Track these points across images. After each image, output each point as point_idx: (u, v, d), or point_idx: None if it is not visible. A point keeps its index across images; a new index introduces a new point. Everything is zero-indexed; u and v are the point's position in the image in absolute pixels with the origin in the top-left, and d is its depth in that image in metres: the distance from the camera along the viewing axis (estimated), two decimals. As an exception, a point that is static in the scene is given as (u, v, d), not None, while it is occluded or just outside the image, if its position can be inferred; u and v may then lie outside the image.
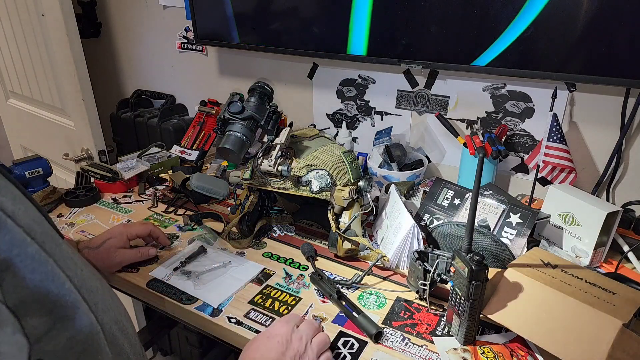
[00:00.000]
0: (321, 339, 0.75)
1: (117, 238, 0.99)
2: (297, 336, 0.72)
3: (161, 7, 1.78)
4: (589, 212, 0.99)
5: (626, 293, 0.77)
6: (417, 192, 1.25)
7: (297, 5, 1.39)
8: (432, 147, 1.43)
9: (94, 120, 1.73)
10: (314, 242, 1.12)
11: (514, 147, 1.30)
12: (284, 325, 0.74)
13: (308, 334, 0.74)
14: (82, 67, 1.65)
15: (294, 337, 0.72)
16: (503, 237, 1.01)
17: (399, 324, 0.86)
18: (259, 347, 0.70)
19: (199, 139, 1.63)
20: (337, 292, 0.90)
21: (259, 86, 1.01)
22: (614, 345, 0.68)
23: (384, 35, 1.26)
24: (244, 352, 0.71)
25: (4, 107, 2.16)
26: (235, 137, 0.97)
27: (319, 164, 1.02)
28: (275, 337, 0.71)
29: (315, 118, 1.62)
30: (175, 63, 1.87)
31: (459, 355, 0.78)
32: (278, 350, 0.69)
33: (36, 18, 1.65)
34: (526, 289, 0.79)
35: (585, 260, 1.01)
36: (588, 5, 1.00)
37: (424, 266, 0.86)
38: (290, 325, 0.74)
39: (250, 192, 1.12)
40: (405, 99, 1.42)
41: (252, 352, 0.70)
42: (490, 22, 1.11)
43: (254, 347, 0.71)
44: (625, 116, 1.12)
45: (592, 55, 1.04)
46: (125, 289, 1.01)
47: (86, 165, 1.39)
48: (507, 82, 1.25)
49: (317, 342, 0.74)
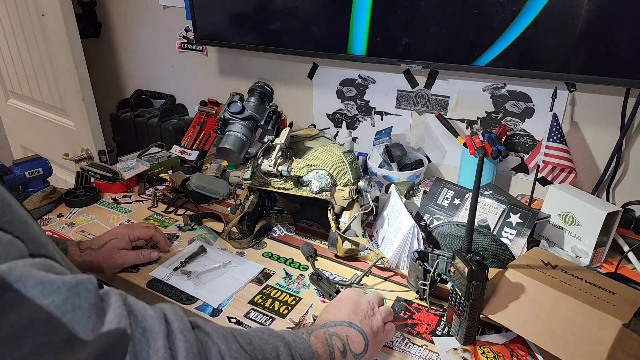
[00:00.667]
0: (387, 308, 0.79)
1: (119, 239, 0.99)
2: (365, 299, 0.77)
3: (161, 7, 1.78)
4: (589, 212, 0.99)
5: (626, 293, 0.77)
6: (417, 192, 1.25)
7: (297, 5, 1.38)
8: (432, 147, 1.43)
9: (94, 120, 1.73)
10: (314, 242, 1.12)
11: (514, 147, 1.30)
12: (353, 291, 0.79)
13: (374, 300, 0.78)
14: (82, 67, 1.65)
15: (362, 300, 0.77)
16: (503, 237, 1.00)
17: (399, 324, 0.85)
18: (329, 310, 0.76)
19: (199, 139, 1.63)
20: (337, 292, 0.90)
21: (259, 86, 1.01)
22: (614, 345, 0.68)
23: (384, 35, 1.26)
24: (319, 318, 0.75)
25: (4, 107, 2.16)
26: (235, 137, 0.97)
27: (319, 164, 1.02)
28: (345, 299, 0.76)
29: (315, 118, 1.62)
30: (175, 63, 1.87)
31: (459, 355, 0.78)
32: (349, 309, 0.74)
33: (36, 18, 1.65)
34: (526, 289, 0.79)
35: (585, 260, 1.01)
36: (588, 5, 1.00)
37: (424, 266, 0.86)
38: (359, 291, 0.79)
39: (250, 192, 1.12)
40: (405, 99, 1.42)
41: (325, 314, 0.75)
42: (490, 22, 1.11)
43: (325, 310, 0.76)
44: (625, 116, 1.12)
45: (592, 55, 1.04)
46: (125, 289, 1.01)
47: (86, 165, 1.39)
48: (507, 82, 1.25)
49: (384, 310, 0.78)
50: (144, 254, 1.02)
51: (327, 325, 0.70)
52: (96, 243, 0.98)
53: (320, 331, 0.67)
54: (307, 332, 0.65)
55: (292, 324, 0.85)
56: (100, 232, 1.05)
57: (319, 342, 0.64)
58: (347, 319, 0.72)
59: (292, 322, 0.86)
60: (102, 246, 0.97)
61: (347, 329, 0.70)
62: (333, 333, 0.68)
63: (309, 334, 0.65)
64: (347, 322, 0.71)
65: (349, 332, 0.70)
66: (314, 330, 0.67)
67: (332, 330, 0.69)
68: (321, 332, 0.67)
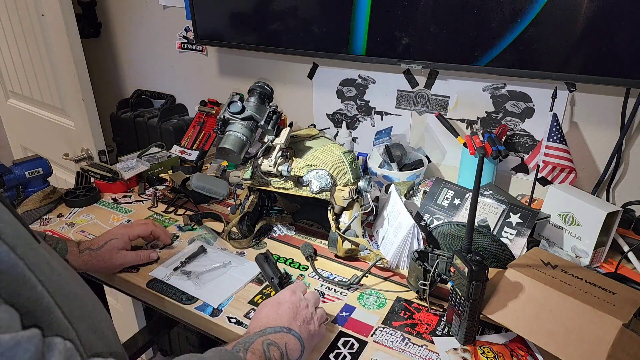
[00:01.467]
0: (322, 311, 0.81)
1: (119, 239, 0.99)
2: (304, 304, 0.78)
3: (161, 7, 1.78)
4: (589, 212, 0.99)
5: (626, 293, 0.77)
6: (417, 192, 1.25)
7: (297, 5, 1.39)
8: (432, 147, 1.43)
9: (94, 120, 1.73)
10: (314, 242, 1.12)
11: (514, 147, 1.30)
12: (293, 293, 0.79)
13: (313, 303, 0.80)
14: (82, 67, 1.65)
15: (301, 305, 0.77)
16: (503, 237, 1.01)
17: (399, 324, 0.86)
18: (269, 314, 0.75)
19: (199, 139, 1.63)
20: (280, 278, 0.89)
21: (259, 86, 1.01)
22: (614, 345, 0.68)
23: (384, 35, 1.26)
24: (255, 318, 0.75)
25: (4, 107, 2.16)
26: (235, 137, 0.97)
27: (319, 164, 1.02)
28: (286, 303, 0.76)
29: (315, 118, 1.62)
30: (175, 63, 1.87)
31: (459, 355, 0.78)
32: (290, 315, 0.74)
33: (36, 18, 1.65)
34: (526, 289, 0.79)
35: (585, 260, 1.01)
36: (588, 5, 1.00)
37: (424, 266, 0.86)
38: (298, 294, 0.79)
39: (250, 192, 1.12)
40: (405, 99, 1.42)
41: (264, 316, 0.74)
42: (490, 22, 1.11)
43: (264, 313, 0.75)
44: (625, 116, 1.12)
45: (592, 55, 1.04)
46: (125, 289, 1.01)
47: (86, 165, 1.39)
48: (507, 82, 1.25)
49: (320, 313, 0.80)
50: (143, 255, 1.01)
51: (266, 332, 0.70)
52: (95, 243, 0.98)
53: (258, 342, 0.67)
54: (244, 348, 0.65)
55: (292, 324, 0.85)
56: (100, 232, 1.05)
57: (257, 357, 0.64)
58: (287, 325, 0.72)
59: (292, 322, 0.86)
60: (102, 246, 0.97)
61: (287, 335, 0.71)
62: (271, 342, 0.68)
63: (246, 350, 0.65)
64: (287, 329, 0.72)
65: (288, 340, 0.70)
66: (252, 341, 0.67)
67: (271, 339, 0.69)
68: (259, 342, 0.67)
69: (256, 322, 0.74)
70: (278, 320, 0.73)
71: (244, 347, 0.65)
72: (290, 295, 0.78)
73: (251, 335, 0.69)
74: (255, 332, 0.70)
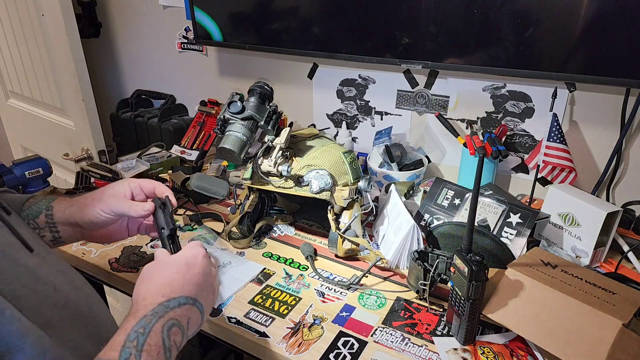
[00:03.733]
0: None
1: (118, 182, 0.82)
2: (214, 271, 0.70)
3: (161, 7, 1.78)
4: (589, 212, 0.99)
5: (626, 293, 0.77)
6: (417, 192, 1.25)
7: (297, 5, 1.38)
8: (432, 147, 1.43)
9: (94, 120, 1.73)
10: (314, 242, 1.12)
11: (514, 147, 1.30)
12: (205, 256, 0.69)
13: (216, 269, 0.73)
14: (82, 67, 1.65)
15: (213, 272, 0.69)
16: (503, 237, 1.01)
17: (399, 324, 0.86)
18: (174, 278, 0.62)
19: (199, 139, 1.63)
20: (173, 230, 0.75)
21: (259, 86, 1.01)
22: (614, 345, 0.68)
23: (384, 35, 1.26)
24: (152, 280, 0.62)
25: (4, 107, 2.16)
26: (235, 137, 0.97)
27: (319, 164, 1.02)
28: (196, 267, 0.66)
29: (315, 118, 1.62)
30: (175, 63, 1.87)
31: (459, 355, 0.78)
32: (198, 283, 0.64)
33: (36, 18, 1.65)
34: (526, 288, 0.79)
35: (585, 260, 1.01)
36: (588, 5, 1.00)
37: (424, 266, 0.86)
38: (208, 256, 0.70)
39: (250, 192, 1.12)
40: (405, 99, 1.42)
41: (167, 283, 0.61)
42: (490, 21, 1.11)
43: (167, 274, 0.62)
44: (625, 116, 1.12)
45: (592, 55, 1.04)
46: (125, 289, 1.01)
47: (86, 165, 1.39)
48: (507, 82, 1.25)
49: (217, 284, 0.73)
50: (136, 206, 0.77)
51: (170, 306, 0.57)
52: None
53: (158, 328, 0.54)
54: (136, 349, 0.50)
55: (292, 323, 0.85)
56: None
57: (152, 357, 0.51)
58: (194, 295, 0.61)
59: (292, 322, 0.86)
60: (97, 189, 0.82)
61: (191, 309, 0.60)
62: (174, 322, 0.56)
63: (140, 352, 0.50)
64: (192, 299, 0.60)
65: (192, 314, 0.60)
66: (148, 331, 0.53)
67: (175, 318, 0.56)
68: (158, 329, 0.54)
69: (155, 286, 0.59)
70: (185, 288, 0.60)
71: (137, 348, 0.51)
72: (203, 258, 0.67)
73: (148, 316, 0.55)
74: (155, 306, 0.56)
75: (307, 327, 0.84)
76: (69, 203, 0.81)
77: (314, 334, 0.83)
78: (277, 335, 0.83)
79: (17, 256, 0.51)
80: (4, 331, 0.43)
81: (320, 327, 0.85)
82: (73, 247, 1.09)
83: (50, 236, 0.79)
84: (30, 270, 0.51)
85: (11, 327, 0.44)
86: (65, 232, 0.79)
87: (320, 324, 0.85)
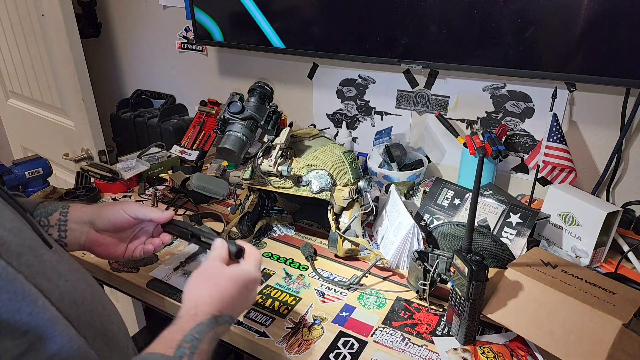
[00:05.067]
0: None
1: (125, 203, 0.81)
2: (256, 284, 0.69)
3: (161, 7, 1.78)
4: (589, 212, 0.99)
5: (626, 293, 0.77)
6: (417, 192, 1.25)
7: (297, 5, 1.38)
8: (432, 147, 1.43)
9: (94, 120, 1.73)
10: (314, 242, 1.12)
11: (514, 147, 1.30)
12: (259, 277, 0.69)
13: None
14: (82, 67, 1.65)
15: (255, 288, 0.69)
16: (503, 237, 1.01)
17: (399, 324, 0.86)
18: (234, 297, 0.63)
19: (199, 139, 1.63)
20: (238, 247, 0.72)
21: (259, 86, 1.01)
22: (614, 345, 0.68)
23: (384, 35, 1.26)
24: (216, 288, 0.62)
25: (4, 107, 2.16)
26: (235, 137, 0.97)
27: (319, 164, 1.02)
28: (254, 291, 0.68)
29: (315, 118, 1.62)
30: (175, 63, 1.87)
31: (459, 355, 0.78)
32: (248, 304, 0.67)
33: (36, 18, 1.65)
34: (526, 288, 0.79)
35: (585, 260, 1.01)
36: (588, 5, 1.00)
37: (424, 266, 0.86)
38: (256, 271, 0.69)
39: (250, 192, 1.12)
40: (405, 99, 1.42)
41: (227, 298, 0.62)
42: (490, 21, 1.11)
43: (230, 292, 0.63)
44: (625, 116, 1.12)
45: (592, 55, 1.04)
46: (125, 289, 1.01)
47: (86, 165, 1.39)
48: (507, 82, 1.25)
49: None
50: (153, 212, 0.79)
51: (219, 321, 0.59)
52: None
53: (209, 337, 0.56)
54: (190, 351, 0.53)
55: (292, 323, 0.85)
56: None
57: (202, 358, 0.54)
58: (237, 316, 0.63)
59: (292, 322, 0.86)
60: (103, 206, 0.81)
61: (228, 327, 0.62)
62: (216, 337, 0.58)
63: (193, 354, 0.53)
64: (233, 319, 0.62)
65: (226, 330, 0.62)
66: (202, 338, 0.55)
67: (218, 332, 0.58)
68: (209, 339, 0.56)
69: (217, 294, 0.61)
70: (236, 310, 0.63)
71: (190, 350, 0.53)
72: (257, 280, 0.67)
73: (205, 324, 0.57)
74: (209, 316, 0.58)
75: (307, 327, 0.84)
76: (86, 206, 0.81)
77: (314, 334, 0.83)
78: (277, 335, 0.83)
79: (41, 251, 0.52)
80: (37, 319, 0.45)
81: (320, 327, 0.85)
82: (73, 247, 1.09)
83: (57, 235, 0.78)
84: (53, 266, 0.52)
85: (43, 316, 0.45)
86: (73, 233, 0.78)
87: (320, 324, 0.85)
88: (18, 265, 0.45)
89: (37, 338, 0.44)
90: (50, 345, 0.45)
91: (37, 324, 0.45)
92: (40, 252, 0.52)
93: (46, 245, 0.55)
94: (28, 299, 0.44)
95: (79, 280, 0.58)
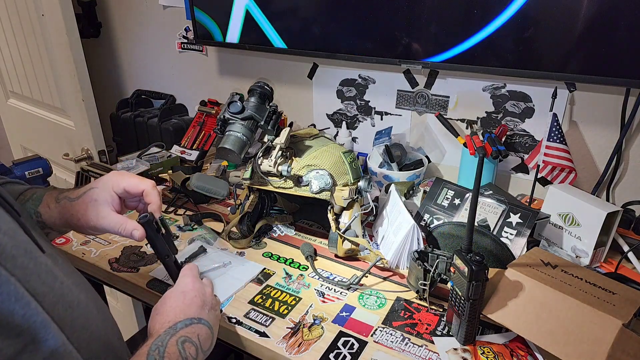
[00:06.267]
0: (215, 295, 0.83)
1: (100, 189, 0.75)
2: (208, 290, 0.78)
3: (161, 7, 1.78)
4: (589, 212, 0.99)
5: (626, 293, 0.77)
6: (417, 192, 1.25)
7: (297, 5, 1.38)
8: (432, 147, 1.43)
9: (94, 120, 1.73)
10: (314, 242, 1.12)
11: (514, 147, 1.30)
12: (195, 280, 0.77)
13: (212, 288, 0.82)
14: (82, 67, 1.65)
15: (207, 291, 0.77)
16: (503, 237, 1.01)
17: (399, 324, 0.86)
18: (175, 306, 0.71)
19: (199, 139, 1.63)
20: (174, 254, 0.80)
21: (259, 86, 1.01)
22: (614, 345, 0.68)
23: (384, 35, 1.26)
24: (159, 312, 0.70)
25: (4, 107, 2.16)
26: (235, 137, 0.97)
27: (319, 164, 1.02)
28: (190, 292, 0.74)
29: (315, 118, 1.62)
30: (175, 63, 1.87)
31: (459, 355, 0.78)
32: (197, 304, 0.72)
33: (36, 18, 1.65)
34: (526, 288, 0.79)
35: (585, 260, 1.01)
36: (588, 5, 1.00)
37: (424, 266, 0.86)
38: (199, 280, 0.78)
39: (250, 192, 1.12)
40: (405, 99, 1.42)
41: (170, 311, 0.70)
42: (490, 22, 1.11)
43: (169, 305, 0.71)
44: (625, 116, 1.12)
45: (592, 55, 1.04)
46: (125, 289, 1.01)
47: (86, 165, 1.39)
48: (507, 82, 1.25)
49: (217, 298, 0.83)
50: (126, 227, 0.74)
51: (177, 327, 0.67)
52: (75, 193, 0.77)
53: (172, 342, 0.64)
54: (159, 355, 0.61)
55: (292, 323, 0.85)
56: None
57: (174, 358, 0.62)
58: (197, 315, 0.70)
59: (292, 322, 0.86)
60: (80, 196, 0.76)
61: (197, 326, 0.68)
62: (185, 338, 0.65)
63: (162, 357, 0.61)
64: (197, 319, 0.69)
65: (200, 331, 0.68)
66: (165, 344, 0.63)
67: (184, 335, 0.66)
68: (173, 343, 0.64)
69: (162, 316, 0.69)
70: (187, 312, 0.70)
71: (159, 354, 0.61)
72: (194, 283, 0.75)
73: (162, 335, 0.65)
74: (165, 329, 0.66)
75: (307, 327, 0.84)
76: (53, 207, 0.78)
77: (314, 334, 0.83)
78: (277, 335, 0.83)
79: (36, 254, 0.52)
80: (31, 321, 0.45)
81: (320, 327, 0.85)
82: (73, 247, 1.09)
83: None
84: (48, 269, 0.52)
85: (37, 319, 0.46)
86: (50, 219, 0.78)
87: (320, 324, 0.85)
88: (12, 267, 0.45)
89: (30, 340, 0.45)
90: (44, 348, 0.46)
91: (30, 325, 0.45)
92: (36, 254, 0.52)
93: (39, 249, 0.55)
94: (22, 301, 0.44)
95: (74, 283, 0.58)
